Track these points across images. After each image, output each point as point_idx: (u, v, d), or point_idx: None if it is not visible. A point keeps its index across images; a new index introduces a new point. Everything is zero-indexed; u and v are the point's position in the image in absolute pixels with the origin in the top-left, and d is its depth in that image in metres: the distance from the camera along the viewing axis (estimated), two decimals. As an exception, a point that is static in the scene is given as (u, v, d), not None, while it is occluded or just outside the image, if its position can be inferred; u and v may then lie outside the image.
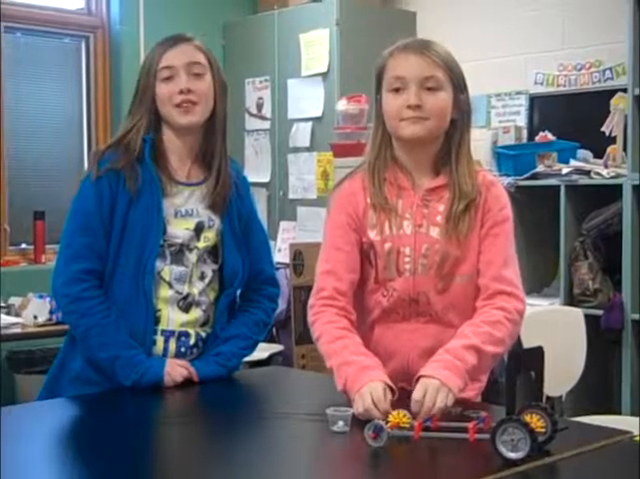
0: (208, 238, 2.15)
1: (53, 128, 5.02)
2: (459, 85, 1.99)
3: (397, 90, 1.96)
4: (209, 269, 2.16)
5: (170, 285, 2.10)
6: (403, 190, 2.00)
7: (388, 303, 1.99)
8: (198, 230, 2.14)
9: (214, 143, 2.16)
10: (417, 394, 1.75)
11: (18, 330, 3.74)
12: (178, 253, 2.11)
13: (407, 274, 1.97)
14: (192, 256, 2.12)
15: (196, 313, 2.13)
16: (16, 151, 4.88)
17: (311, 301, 2.01)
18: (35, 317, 3.73)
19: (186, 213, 2.13)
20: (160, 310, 2.09)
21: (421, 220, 1.98)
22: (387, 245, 1.98)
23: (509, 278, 1.96)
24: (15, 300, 3.98)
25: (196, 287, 2.13)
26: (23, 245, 4.86)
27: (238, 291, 2.25)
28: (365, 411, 1.73)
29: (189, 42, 2.14)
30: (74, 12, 5.12)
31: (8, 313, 3.88)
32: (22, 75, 4.92)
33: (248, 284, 2.23)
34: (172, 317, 2.10)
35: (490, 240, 1.98)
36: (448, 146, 2.01)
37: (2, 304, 3.97)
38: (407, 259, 1.97)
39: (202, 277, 2.14)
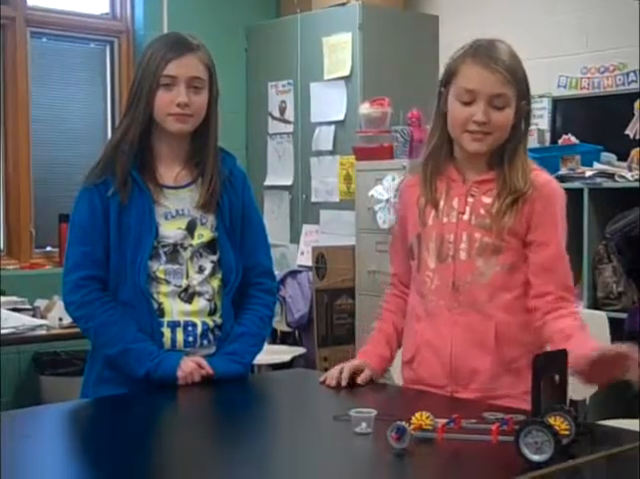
0: (203, 234, 2.19)
1: (78, 131, 5.06)
2: (522, 94, 2.06)
3: (465, 101, 2.00)
4: (207, 261, 2.19)
5: (167, 282, 2.15)
6: (452, 182, 2.08)
7: (430, 292, 2.05)
8: (191, 228, 2.18)
9: (207, 149, 2.19)
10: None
11: (43, 332, 3.77)
12: (173, 253, 2.16)
13: (449, 260, 2.03)
14: (187, 254, 2.17)
15: (200, 303, 2.18)
16: (41, 154, 4.93)
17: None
18: (60, 319, 3.75)
19: (177, 213, 2.18)
20: (162, 303, 2.15)
21: (464, 208, 2.04)
22: (432, 234, 2.06)
23: (571, 287, 2.07)
24: (41, 303, 4.02)
25: (195, 280, 2.17)
26: (48, 248, 4.91)
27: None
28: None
29: (195, 53, 2.15)
30: (99, 17, 5.17)
31: (34, 315, 3.92)
32: (48, 80, 4.97)
33: (246, 278, 2.25)
34: (176, 309, 2.15)
35: (547, 249, 2.05)
36: (503, 146, 2.04)
37: (28, 306, 4.01)
38: (449, 246, 2.03)
39: (201, 271, 2.18)
